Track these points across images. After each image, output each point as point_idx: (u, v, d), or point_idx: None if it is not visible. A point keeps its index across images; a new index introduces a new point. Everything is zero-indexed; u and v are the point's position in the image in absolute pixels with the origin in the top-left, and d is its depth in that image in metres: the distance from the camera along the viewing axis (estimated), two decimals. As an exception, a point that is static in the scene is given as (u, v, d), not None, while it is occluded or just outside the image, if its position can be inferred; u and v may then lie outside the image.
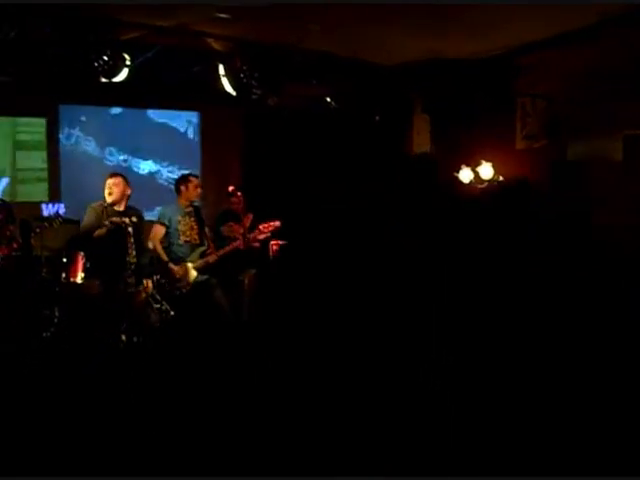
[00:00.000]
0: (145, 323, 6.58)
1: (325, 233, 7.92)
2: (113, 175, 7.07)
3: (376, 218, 7.97)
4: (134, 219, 6.66)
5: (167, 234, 7.23)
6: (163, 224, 7.22)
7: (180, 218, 7.26)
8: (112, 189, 6.85)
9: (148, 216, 7.71)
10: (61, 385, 5.39)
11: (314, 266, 8.05)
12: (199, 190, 7.42)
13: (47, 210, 9.21)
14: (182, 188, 7.37)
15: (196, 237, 7.28)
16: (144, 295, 6.74)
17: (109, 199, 6.81)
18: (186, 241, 7.26)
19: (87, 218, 6.87)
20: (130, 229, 6.56)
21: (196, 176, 7.59)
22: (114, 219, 6.58)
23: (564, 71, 7.84)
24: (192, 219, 7.29)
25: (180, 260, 7.19)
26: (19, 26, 6.81)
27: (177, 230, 7.23)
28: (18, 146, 9.83)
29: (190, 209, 7.34)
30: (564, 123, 7.99)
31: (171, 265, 7.11)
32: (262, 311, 7.48)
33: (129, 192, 7.03)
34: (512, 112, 8.62)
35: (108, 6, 6.54)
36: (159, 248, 7.18)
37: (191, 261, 7.22)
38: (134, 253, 6.54)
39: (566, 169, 7.81)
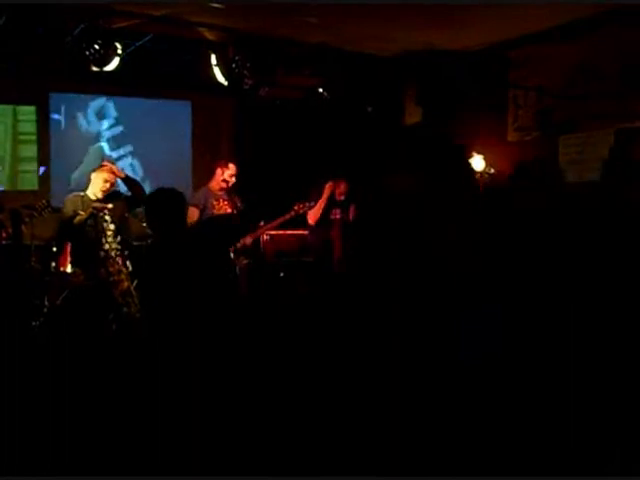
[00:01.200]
0: (126, 313, 6.46)
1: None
2: (108, 169, 6.76)
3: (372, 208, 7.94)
4: (110, 205, 6.48)
5: (201, 217, 7.09)
6: (197, 207, 7.10)
7: (214, 202, 7.15)
8: (106, 185, 6.67)
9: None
10: (51, 374, 5.36)
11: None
12: (233, 179, 7.28)
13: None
14: (218, 171, 7.28)
15: None
16: (126, 284, 6.61)
17: (100, 194, 6.59)
18: None
19: (65, 210, 6.64)
20: (107, 216, 6.40)
21: (235, 164, 7.41)
22: (96, 204, 6.40)
23: (556, 64, 7.86)
24: (226, 203, 7.20)
25: None
26: (9, 13, 6.77)
27: (212, 214, 7.13)
28: (19, 136, 9.81)
29: (223, 192, 7.25)
30: (556, 115, 8.01)
31: None
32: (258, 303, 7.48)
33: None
34: (504, 104, 8.64)
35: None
36: None
37: None
38: (112, 240, 6.41)
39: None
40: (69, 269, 7.49)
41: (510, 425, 3.67)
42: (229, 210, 7.21)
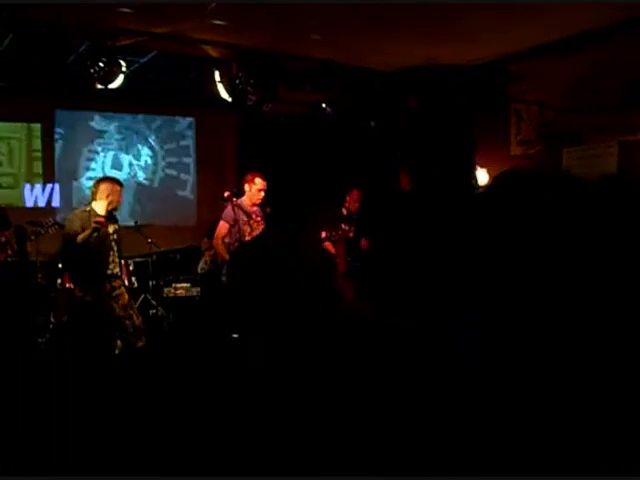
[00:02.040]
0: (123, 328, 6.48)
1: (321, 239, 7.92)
2: (119, 183, 6.69)
3: (375, 223, 7.98)
4: (116, 226, 6.48)
5: (230, 232, 6.99)
6: (227, 222, 7.01)
7: (245, 217, 7.04)
8: (113, 204, 6.52)
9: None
10: (57, 390, 5.37)
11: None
12: (262, 194, 7.13)
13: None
14: (246, 187, 7.17)
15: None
16: (126, 297, 6.62)
17: (109, 207, 6.46)
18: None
19: (71, 225, 6.38)
20: (115, 235, 6.42)
21: (262, 177, 7.23)
22: (98, 219, 6.30)
23: (557, 78, 7.88)
24: (258, 218, 7.11)
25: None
26: (15, 32, 6.83)
27: (242, 229, 7.00)
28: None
29: (255, 208, 7.15)
30: (559, 129, 8.02)
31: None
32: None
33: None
34: (506, 118, 8.66)
35: (104, 12, 6.55)
36: (221, 246, 6.98)
37: None
38: (117, 259, 6.44)
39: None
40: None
41: (510, 425, 3.66)
42: (261, 226, 7.12)
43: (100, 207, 6.32)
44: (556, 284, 4.06)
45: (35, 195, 9.73)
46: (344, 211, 8.20)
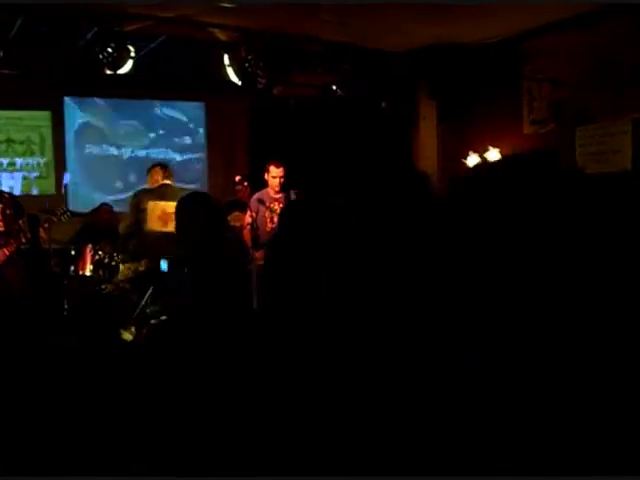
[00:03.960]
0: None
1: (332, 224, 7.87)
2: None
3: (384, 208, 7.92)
4: None
5: (252, 221, 6.91)
6: (251, 211, 6.98)
7: (264, 206, 7.06)
8: None
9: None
10: (68, 379, 5.38)
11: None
12: (277, 181, 7.08)
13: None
14: (265, 177, 7.18)
15: None
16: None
17: None
18: (272, 228, 7.10)
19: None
20: None
21: (280, 165, 7.17)
22: None
23: (570, 55, 7.80)
24: (280, 205, 7.06)
25: (264, 247, 7.05)
26: (23, 18, 6.81)
27: (263, 217, 7.07)
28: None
29: (278, 196, 7.12)
30: (572, 107, 7.95)
31: (253, 251, 6.92)
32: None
33: None
34: (519, 97, 8.59)
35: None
36: (247, 234, 6.93)
37: None
38: None
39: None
40: (88, 272, 7.55)
41: (509, 425, 3.65)
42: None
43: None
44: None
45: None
46: None
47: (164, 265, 4.50)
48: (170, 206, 6.71)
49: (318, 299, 4.36)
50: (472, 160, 8.47)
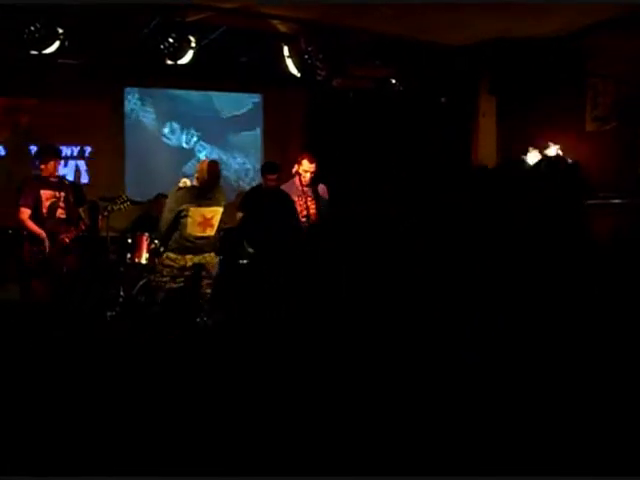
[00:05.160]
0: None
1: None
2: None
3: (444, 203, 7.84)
4: None
5: None
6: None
7: (296, 198, 7.03)
8: None
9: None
10: (126, 364, 5.43)
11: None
12: (308, 175, 7.09)
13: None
14: (295, 168, 7.19)
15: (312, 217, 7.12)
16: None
17: None
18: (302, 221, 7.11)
19: None
20: None
21: (313, 160, 7.17)
22: None
23: (636, 51, 7.60)
24: (309, 198, 7.11)
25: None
26: (85, 8, 6.88)
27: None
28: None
29: (307, 189, 7.14)
30: (636, 105, 7.75)
31: None
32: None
33: None
34: (582, 93, 8.40)
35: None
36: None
37: None
38: None
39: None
40: (144, 260, 7.64)
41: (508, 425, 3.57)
42: (312, 206, 7.14)
43: None
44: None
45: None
46: None
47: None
48: (209, 211, 6.73)
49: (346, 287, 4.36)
50: (532, 157, 8.31)
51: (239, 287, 6.97)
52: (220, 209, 6.82)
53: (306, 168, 7.10)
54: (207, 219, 6.68)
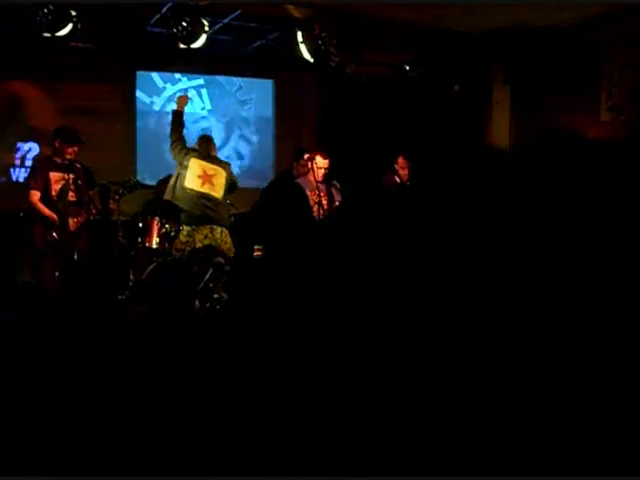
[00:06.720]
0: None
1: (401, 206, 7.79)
2: None
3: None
4: None
5: None
6: None
7: (309, 193, 7.01)
8: None
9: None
10: (136, 347, 5.41)
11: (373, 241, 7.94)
12: (322, 171, 7.00)
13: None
14: (308, 164, 7.12)
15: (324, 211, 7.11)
16: None
17: None
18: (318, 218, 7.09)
19: None
20: None
21: (327, 157, 7.08)
22: None
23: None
24: (322, 193, 7.05)
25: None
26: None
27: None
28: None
29: (322, 185, 7.06)
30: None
31: None
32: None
33: None
34: (597, 82, 8.32)
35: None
36: None
37: None
38: None
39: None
40: (154, 244, 7.63)
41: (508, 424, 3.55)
42: (324, 201, 7.11)
43: None
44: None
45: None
46: (396, 179, 8.24)
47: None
48: (210, 168, 6.78)
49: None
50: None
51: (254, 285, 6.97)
52: (223, 172, 6.91)
53: (320, 165, 7.01)
54: (208, 175, 6.74)
